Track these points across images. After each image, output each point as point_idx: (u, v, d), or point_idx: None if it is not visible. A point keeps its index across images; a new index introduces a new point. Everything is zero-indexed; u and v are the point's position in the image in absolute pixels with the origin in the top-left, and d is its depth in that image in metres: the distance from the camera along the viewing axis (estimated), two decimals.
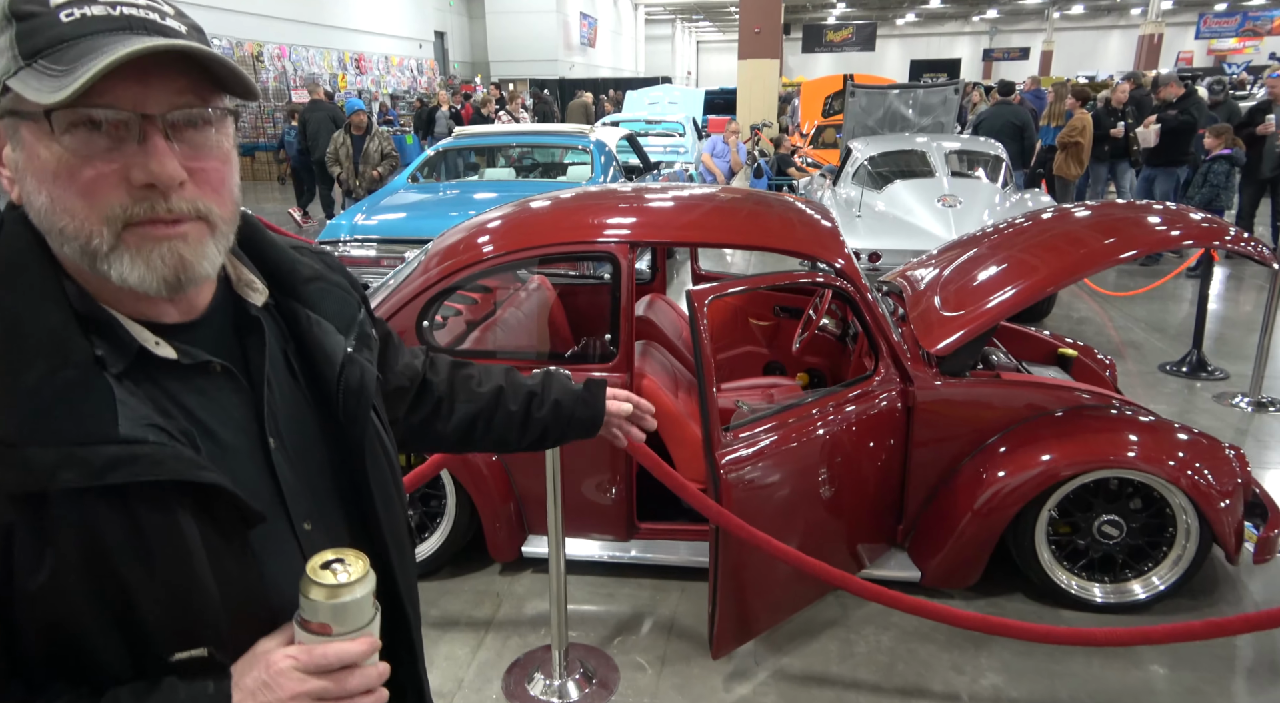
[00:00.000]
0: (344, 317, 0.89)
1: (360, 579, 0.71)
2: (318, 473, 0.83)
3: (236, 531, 0.73)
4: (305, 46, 17.89)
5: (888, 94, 8.70)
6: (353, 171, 7.31)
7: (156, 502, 0.68)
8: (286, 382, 0.83)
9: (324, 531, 0.82)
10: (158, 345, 0.73)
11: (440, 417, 1.19)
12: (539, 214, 3.17)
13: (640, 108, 13.85)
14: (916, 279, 3.44)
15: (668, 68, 40.20)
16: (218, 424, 0.76)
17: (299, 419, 0.83)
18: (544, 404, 1.25)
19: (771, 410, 2.50)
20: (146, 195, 0.68)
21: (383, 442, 0.89)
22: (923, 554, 2.91)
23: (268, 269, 0.86)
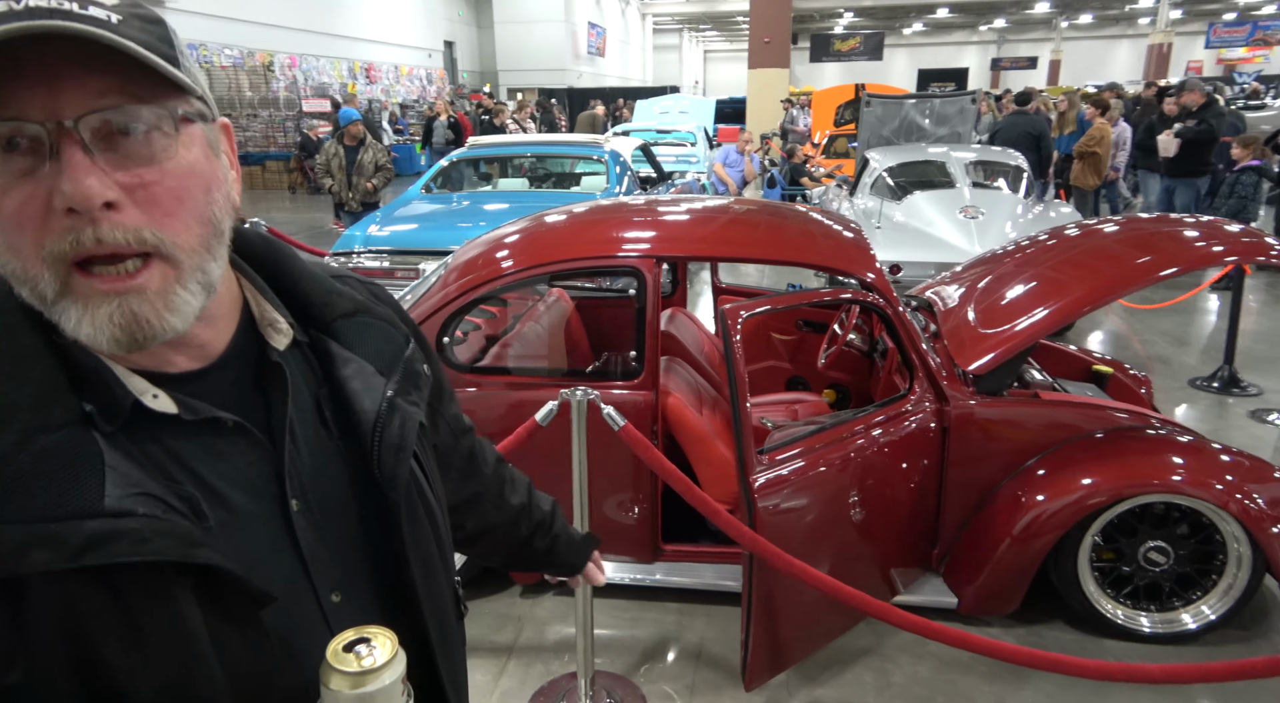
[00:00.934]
0: (386, 355, 0.78)
1: (388, 663, 0.62)
2: (349, 538, 0.73)
3: (246, 612, 0.63)
4: (316, 56, 17.94)
5: (904, 104, 8.62)
6: (345, 184, 6.98)
7: (151, 584, 0.58)
8: (315, 434, 0.73)
9: (355, 603, 0.72)
10: (155, 398, 0.63)
11: (475, 513, 1.07)
12: (560, 228, 3.08)
13: (651, 117, 13.82)
14: (948, 295, 3.35)
15: (675, 77, 40.26)
16: (229, 487, 0.66)
17: (329, 476, 0.72)
18: (546, 537, 1.18)
19: (807, 433, 2.41)
20: (72, 225, 0.55)
21: (426, 500, 0.79)
22: (959, 580, 2.81)
23: (299, 303, 0.75)
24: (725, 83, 41.22)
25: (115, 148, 0.57)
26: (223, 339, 0.69)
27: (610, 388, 2.74)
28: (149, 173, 0.58)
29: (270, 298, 0.74)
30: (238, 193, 0.69)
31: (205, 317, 0.65)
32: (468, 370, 2.83)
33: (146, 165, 0.58)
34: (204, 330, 0.66)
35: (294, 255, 0.78)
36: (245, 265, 0.74)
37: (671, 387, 2.93)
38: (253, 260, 0.75)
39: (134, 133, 0.57)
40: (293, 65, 17.07)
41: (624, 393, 2.72)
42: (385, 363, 0.78)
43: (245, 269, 0.74)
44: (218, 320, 0.68)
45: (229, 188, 0.66)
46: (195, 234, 0.61)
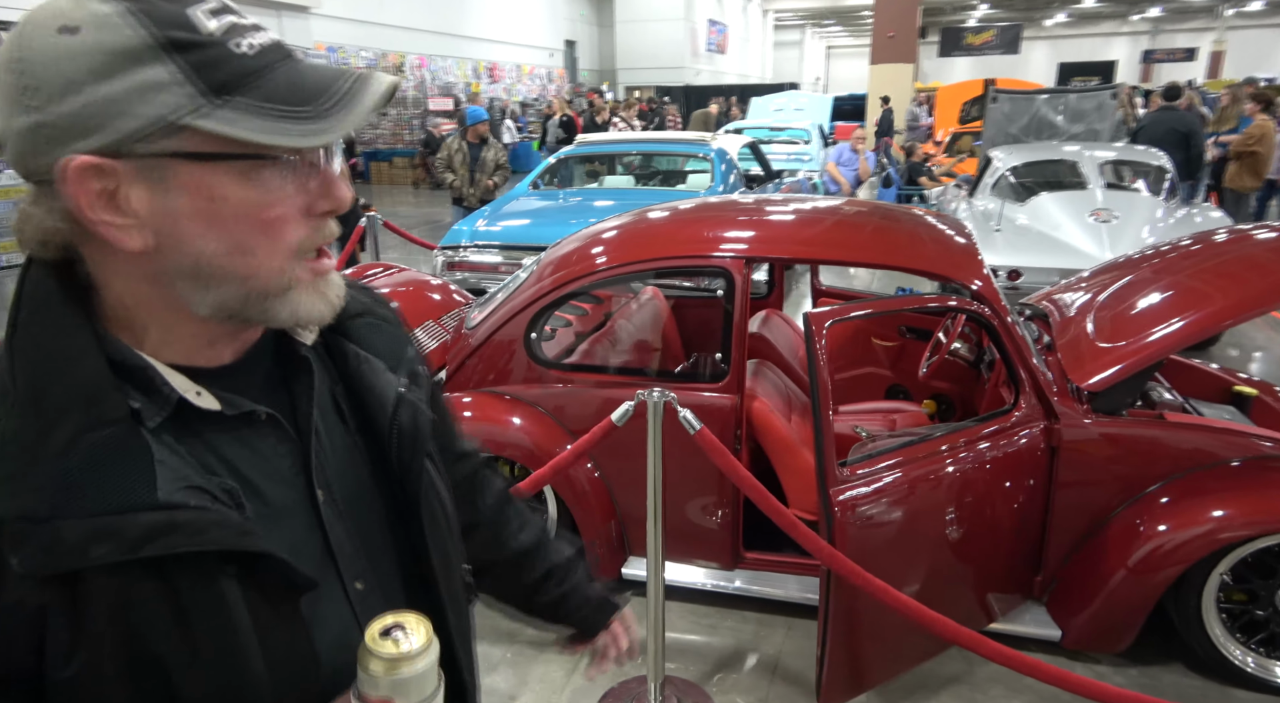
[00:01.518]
0: (394, 354, 0.81)
1: (424, 649, 0.63)
2: (371, 528, 0.75)
3: (285, 598, 0.65)
4: (443, 56, 18.67)
5: (1034, 99, 8.11)
6: (467, 179, 7.10)
7: (199, 573, 0.60)
8: (336, 427, 0.75)
9: (378, 591, 0.74)
10: (199, 395, 0.65)
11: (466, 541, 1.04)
12: (654, 226, 3.06)
13: (765, 114, 13.61)
14: (1066, 303, 3.11)
15: (796, 74, 39.56)
16: (263, 479, 0.68)
17: (350, 468, 0.75)
18: (557, 588, 1.10)
19: (895, 445, 2.29)
20: (322, 224, 0.66)
21: (439, 492, 0.81)
22: (1065, 612, 2.61)
23: None
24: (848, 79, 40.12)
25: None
26: (256, 333, 0.71)
27: (695, 390, 2.69)
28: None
29: None
30: None
31: None
32: (554, 366, 2.85)
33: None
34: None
35: None
36: None
37: (759, 391, 2.86)
38: None
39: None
40: (421, 66, 17.83)
41: (708, 396, 2.67)
42: (394, 360, 0.81)
43: None
44: None
45: None
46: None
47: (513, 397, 2.89)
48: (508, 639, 2.71)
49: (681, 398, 2.64)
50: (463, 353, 2.99)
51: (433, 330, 3.28)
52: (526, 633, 2.73)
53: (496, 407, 2.87)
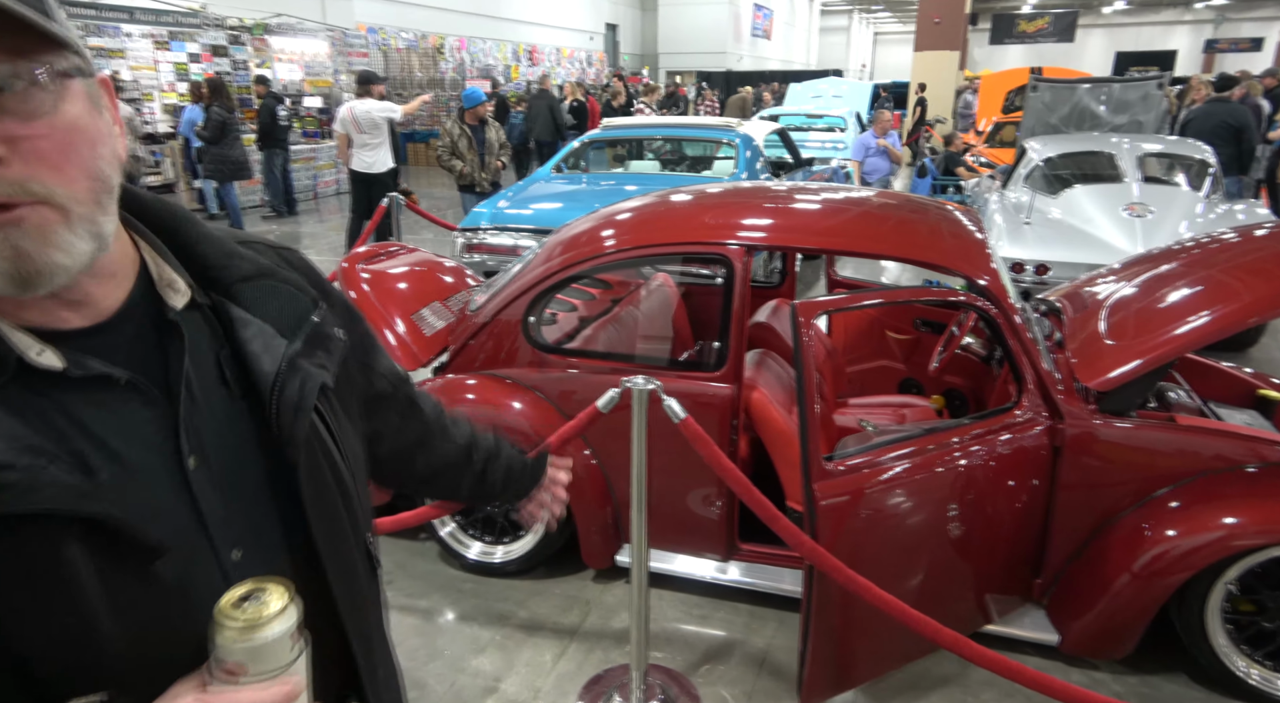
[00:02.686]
0: (289, 317, 0.79)
1: (277, 614, 0.62)
2: (252, 495, 0.74)
3: (140, 563, 0.64)
4: (483, 39, 18.70)
5: (1076, 88, 7.85)
6: (478, 164, 6.70)
7: (36, 533, 0.59)
8: (215, 392, 0.74)
9: (259, 559, 0.73)
10: (40, 355, 0.63)
11: (424, 451, 1.14)
12: (661, 210, 3.03)
13: (803, 101, 13.41)
14: (1082, 299, 3.02)
15: (841, 60, 38.91)
16: (122, 443, 0.66)
17: (232, 435, 0.73)
18: (498, 465, 1.26)
19: (886, 440, 2.24)
20: None
21: (331, 459, 0.79)
22: (1064, 615, 2.54)
23: (197, 266, 0.76)
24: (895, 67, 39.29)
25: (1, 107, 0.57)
26: (116, 297, 0.69)
27: (693, 379, 2.67)
28: (32, 127, 0.58)
29: (169, 259, 0.75)
30: (123, 149, 0.69)
31: (97, 272, 0.66)
32: (552, 351, 2.85)
33: (29, 120, 0.58)
34: (95, 287, 0.67)
35: (191, 218, 0.79)
36: (141, 225, 0.75)
37: (760, 382, 2.83)
38: (149, 221, 0.76)
39: (12, 88, 0.57)
40: (461, 48, 17.88)
41: (705, 385, 2.64)
42: (288, 325, 0.78)
43: (141, 229, 0.75)
44: (110, 278, 0.69)
45: (114, 144, 0.67)
46: (85, 187, 0.62)
47: (514, 380, 2.89)
48: (498, 622, 2.73)
49: (678, 386, 2.63)
50: (465, 334, 3.00)
51: (439, 311, 3.30)
52: (518, 616, 2.75)
53: (497, 390, 2.87)
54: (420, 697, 2.37)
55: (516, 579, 2.93)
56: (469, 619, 2.74)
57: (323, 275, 0.91)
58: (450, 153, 6.75)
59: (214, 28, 10.92)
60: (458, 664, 2.52)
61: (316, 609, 0.76)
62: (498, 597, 2.85)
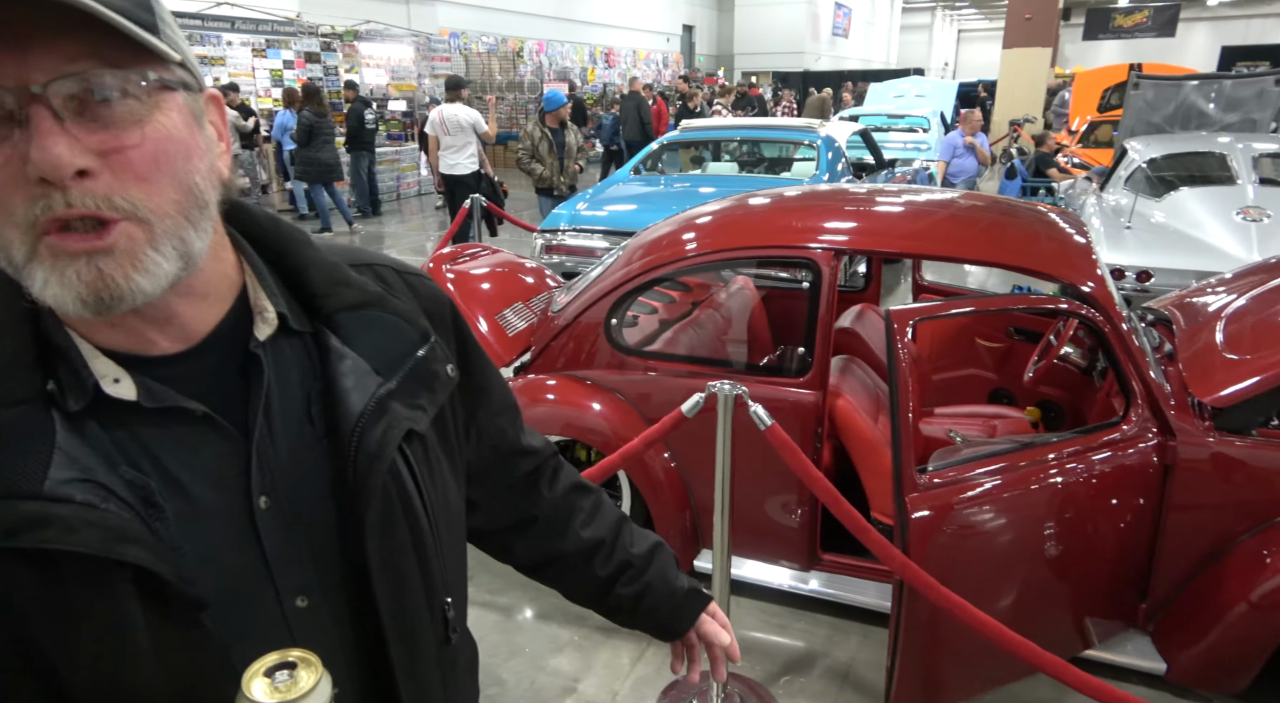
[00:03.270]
0: (389, 353, 0.73)
1: (305, 696, 0.57)
2: (323, 541, 0.68)
3: (185, 612, 0.61)
4: (560, 41, 18.93)
5: (1182, 86, 7.43)
6: (558, 167, 6.63)
7: (87, 573, 0.57)
8: (298, 429, 0.69)
9: (323, 610, 0.68)
10: (116, 383, 0.61)
11: (524, 536, 1.00)
12: (743, 214, 2.99)
13: (884, 101, 13.11)
14: (1195, 309, 2.84)
15: (923, 59, 37.94)
16: (193, 478, 0.63)
17: (309, 475, 0.68)
18: (633, 582, 1.03)
19: (983, 453, 2.15)
20: (44, 192, 0.54)
21: (414, 513, 0.72)
22: (1172, 644, 2.39)
23: (304, 292, 0.72)
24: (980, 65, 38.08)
25: (87, 113, 0.55)
26: (208, 321, 0.66)
27: (776, 384, 2.62)
28: (122, 138, 0.56)
29: (266, 283, 0.71)
30: (226, 166, 0.66)
31: (187, 292, 0.63)
32: (633, 353, 2.83)
33: (121, 130, 0.56)
34: (186, 307, 0.64)
35: (305, 241, 0.75)
36: (248, 247, 0.72)
37: (845, 389, 2.76)
38: (259, 243, 0.73)
39: (106, 98, 0.55)
40: (539, 51, 18.14)
41: (789, 390, 2.59)
42: (386, 361, 0.73)
43: (248, 251, 0.71)
44: (203, 299, 0.66)
45: (214, 159, 0.64)
46: (171, 200, 0.59)
47: (594, 382, 2.89)
48: (577, 622, 2.73)
49: (761, 392, 2.58)
50: (547, 336, 3.02)
51: (522, 312, 3.33)
52: (595, 617, 2.73)
53: (577, 391, 2.88)
54: (500, 693, 2.39)
55: None
56: (547, 618, 2.75)
57: (448, 306, 0.84)
58: (530, 156, 6.70)
59: (308, 35, 11.35)
60: (537, 663, 2.53)
61: (375, 675, 0.72)
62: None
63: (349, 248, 0.81)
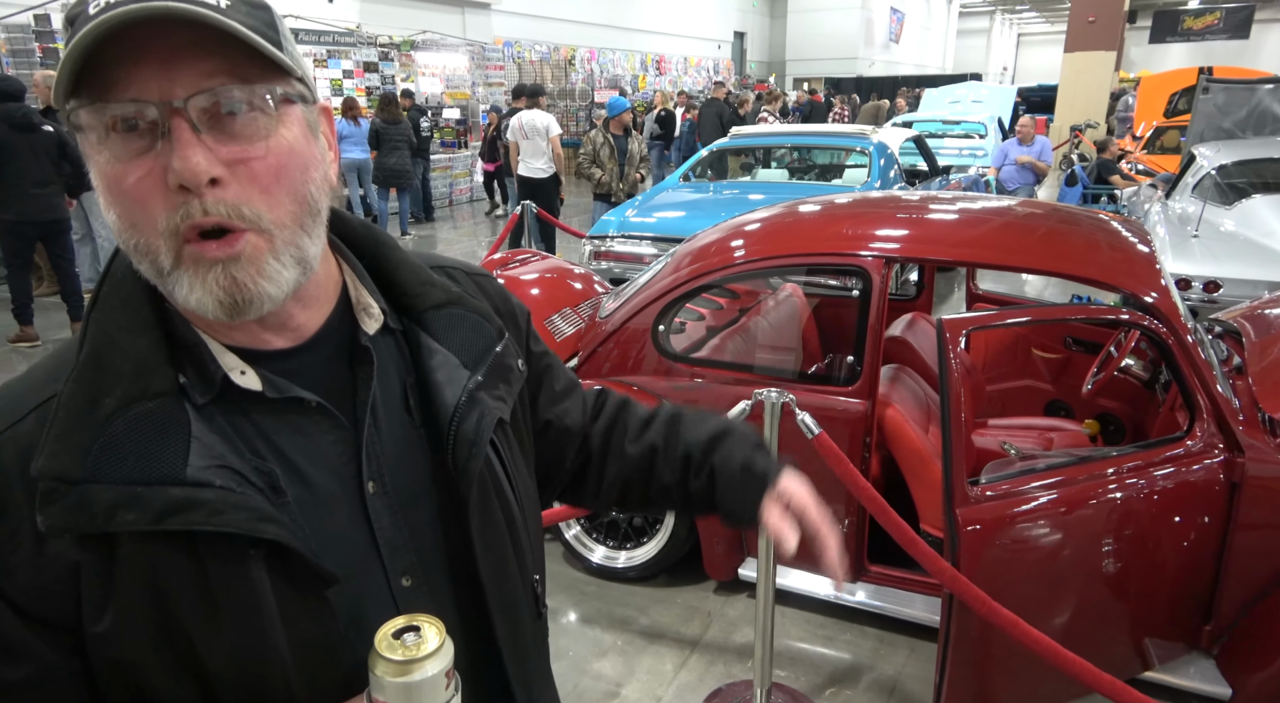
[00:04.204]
0: (474, 348, 0.78)
1: (433, 654, 0.61)
2: (426, 524, 0.74)
3: (314, 588, 0.66)
4: (612, 49, 19.06)
5: (1256, 89, 7.15)
6: (617, 174, 6.66)
7: (225, 552, 0.62)
8: (398, 419, 0.74)
9: (426, 588, 0.73)
10: (243, 375, 0.66)
11: (589, 479, 1.02)
12: (793, 220, 2.97)
13: (939, 107, 12.90)
14: (1266, 321, 2.74)
15: (980, 64, 37.19)
16: (310, 465, 0.68)
17: (410, 463, 0.74)
18: (700, 475, 0.97)
19: (1038, 467, 2.10)
20: (183, 199, 0.58)
21: (504, 496, 0.78)
22: (1238, 669, 2.30)
23: (396, 291, 0.77)
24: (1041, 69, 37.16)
25: (221, 126, 0.59)
26: (318, 321, 0.71)
27: (825, 392, 2.60)
28: (250, 150, 0.61)
29: (367, 283, 0.76)
30: (334, 174, 0.70)
31: (302, 297, 0.68)
32: (680, 359, 2.84)
33: (249, 143, 0.60)
34: (300, 311, 0.69)
35: (393, 244, 0.80)
36: (346, 250, 0.77)
37: (894, 398, 2.72)
38: (354, 246, 0.78)
39: (238, 112, 0.60)
40: (591, 59, 18.29)
41: (837, 399, 2.56)
42: (472, 356, 0.78)
43: (346, 253, 0.77)
44: (314, 302, 0.71)
45: (326, 168, 0.68)
46: (289, 210, 0.63)
47: (641, 388, 2.90)
48: (620, 627, 2.74)
49: (809, 400, 2.56)
50: (595, 341, 3.04)
51: (570, 317, 3.36)
52: (639, 622, 2.75)
53: None
54: None
55: (638, 585, 2.93)
56: (591, 622, 2.77)
57: (514, 304, 0.90)
58: (591, 161, 6.76)
59: (367, 45, 11.63)
60: (580, 666, 2.55)
61: (479, 649, 0.76)
62: (619, 602, 2.86)
63: (425, 252, 0.86)
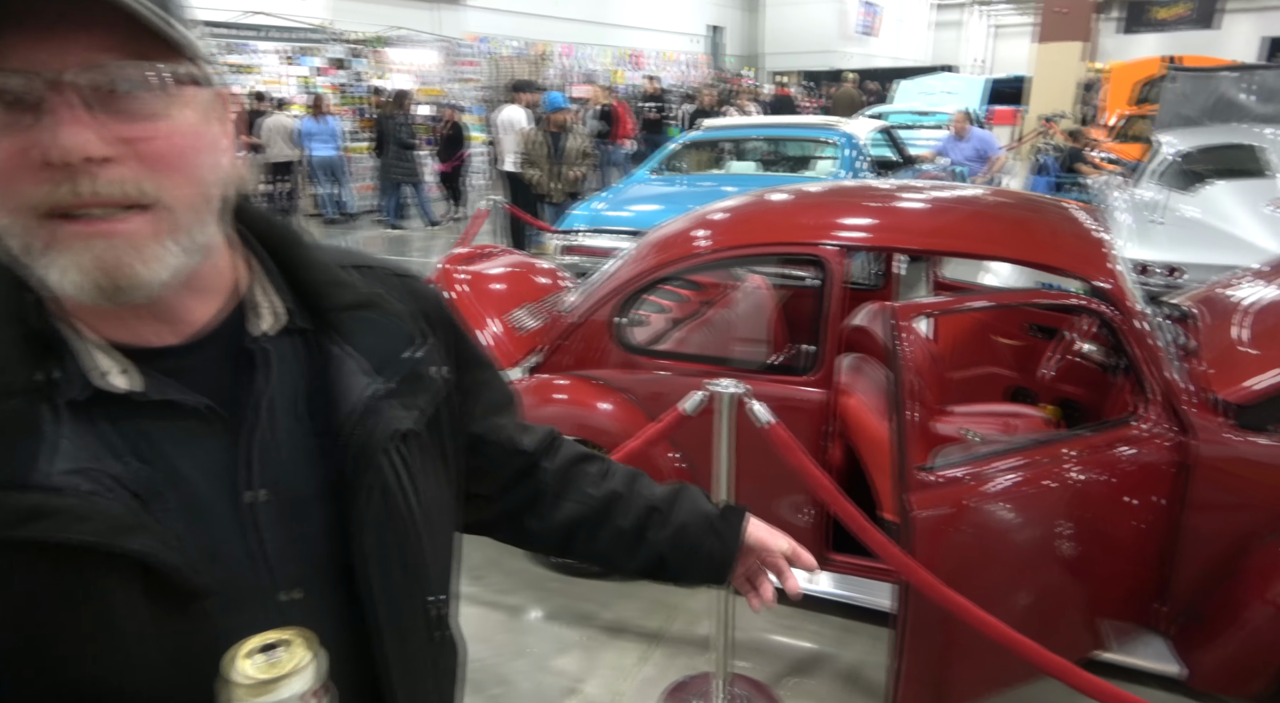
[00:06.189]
0: (386, 353, 0.74)
1: (288, 674, 0.57)
2: (320, 535, 0.69)
3: (186, 601, 0.61)
4: (587, 44, 18.98)
5: (1218, 77, 7.23)
6: (552, 173, 6.45)
7: (85, 563, 0.57)
8: (294, 425, 0.70)
9: (315, 603, 0.69)
10: (117, 375, 0.62)
11: (536, 513, 0.98)
12: (755, 210, 2.97)
13: (912, 98, 12.96)
14: (1217, 304, 2.77)
15: (955, 56, 37.39)
16: (193, 470, 0.64)
17: (303, 470, 0.69)
18: (665, 525, 0.98)
19: (985, 453, 2.11)
20: (67, 177, 0.55)
21: (403, 512, 0.73)
22: (1191, 647, 2.33)
23: (301, 290, 0.73)
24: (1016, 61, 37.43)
25: (112, 103, 0.57)
26: (207, 314, 0.68)
27: (784, 383, 2.60)
28: (145, 129, 0.58)
29: (274, 280, 0.72)
30: (237, 163, 0.67)
31: (194, 286, 0.65)
32: (640, 352, 2.83)
33: (142, 122, 0.58)
34: (191, 301, 0.66)
35: (302, 240, 0.76)
36: (255, 243, 0.73)
37: (856, 387, 2.72)
38: (263, 241, 0.74)
39: (130, 89, 0.57)
40: (566, 54, 18.21)
41: (796, 389, 2.56)
42: (382, 362, 0.73)
43: (253, 246, 0.73)
44: (207, 294, 0.68)
45: (223, 156, 0.65)
46: (183, 194, 0.60)
47: (604, 382, 2.89)
48: (583, 622, 2.73)
49: (770, 391, 2.56)
50: (557, 335, 3.02)
51: (533, 312, 3.34)
52: (602, 617, 2.75)
53: (587, 391, 2.88)
54: (504, 693, 2.40)
55: (602, 580, 2.92)
56: (554, 619, 2.76)
57: (448, 311, 0.86)
58: (527, 161, 6.59)
59: (336, 42, 11.52)
60: (541, 663, 2.54)
61: (368, 668, 0.73)
62: (583, 597, 2.85)
63: (346, 249, 0.82)
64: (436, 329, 0.81)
